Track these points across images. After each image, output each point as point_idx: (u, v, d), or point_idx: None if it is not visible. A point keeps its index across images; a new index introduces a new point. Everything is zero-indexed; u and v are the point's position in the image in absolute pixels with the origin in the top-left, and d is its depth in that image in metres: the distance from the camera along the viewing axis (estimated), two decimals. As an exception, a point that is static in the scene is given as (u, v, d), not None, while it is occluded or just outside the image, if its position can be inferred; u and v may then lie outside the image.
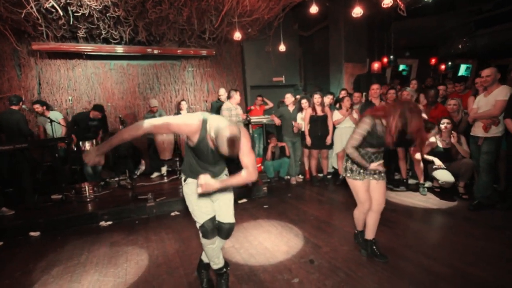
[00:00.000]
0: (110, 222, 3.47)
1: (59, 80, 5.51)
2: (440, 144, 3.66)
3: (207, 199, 1.85)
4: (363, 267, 2.19)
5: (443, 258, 2.26)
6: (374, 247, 2.31)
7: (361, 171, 2.19)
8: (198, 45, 6.13)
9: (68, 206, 3.81)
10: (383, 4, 3.87)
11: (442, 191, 3.82)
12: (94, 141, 4.42)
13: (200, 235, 1.84)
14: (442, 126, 3.59)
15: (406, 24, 6.37)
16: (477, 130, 3.24)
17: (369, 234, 2.31)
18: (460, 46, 6.97)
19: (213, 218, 1.83)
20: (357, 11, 4.07)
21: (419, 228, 2.95)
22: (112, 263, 2.49)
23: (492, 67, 3.14)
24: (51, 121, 4.15)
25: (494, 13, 6.62)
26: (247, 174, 1.68)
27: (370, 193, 2.22)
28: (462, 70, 8.13)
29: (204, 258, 2.03)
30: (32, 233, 3.20)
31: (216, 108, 5.28)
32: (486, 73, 3.08)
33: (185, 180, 1.87)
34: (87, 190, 4.08)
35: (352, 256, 2.37)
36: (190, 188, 1.82)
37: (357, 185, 2.21)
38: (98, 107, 4.68)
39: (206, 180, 1.54)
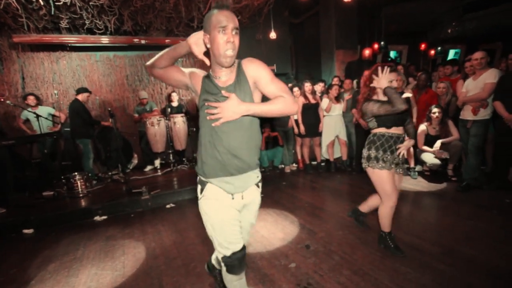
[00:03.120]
0: (104, 217, 3.45)
1: (44, 74, 5.32)
2: (430, 132, 3.73)
3: (234, 216, 1.33)
4: (357, 250, 2.25)
5: (434, 238, 2.34)
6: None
7: (386, 158, 2.01)
8: (186, 34, 5.91)
9: (60, 202, 3.77)
10: (374, -11, 3.83)
11: (432, 174, 3.92)
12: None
13: (223, 268, 1.36)
14: (434, 116, 3.63)
15: (396, 10, 6.34)
16: (466, 114, 3.30)
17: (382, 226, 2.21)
18: (449, 31, 7.01)
19: (244, 247, 1.35)
20: (348, -4, 4.02)
21: (411, 210, 3.04)
22: (109, 257, 2.49)
23: (482, 51, 3.17)
24: (37, 116, 4.03)
25: (482, -3, 6.65)
26: (284, 101, 1.17)
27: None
28: (451, 55, 8.20)
29: (215, 262, 1.67)
30: (25, 231, 3.16)
31: None
32: (480, 56, 3.10)
33: (201, 191, 1.33)
34: (79, 185, 4.03)
35: (346, 240, 2.43)
36: (210, 203, 1.31)
37: (383, 175, 2.00)
38: (84, 88, 4.58)
39: (224, 104, 1.13)
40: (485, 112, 3.15)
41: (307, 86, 4.48)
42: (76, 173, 4.10)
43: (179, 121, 5.18)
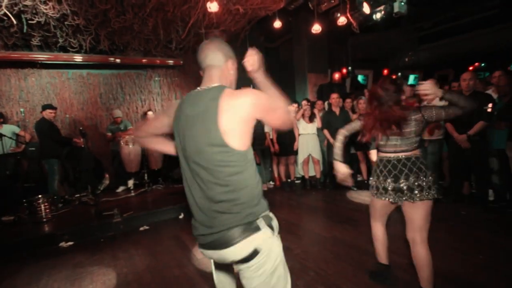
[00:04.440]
0: (71, 243, 3.24)
1: (9, 91, 5.04)
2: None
3: None
4: (331, 265, 2.33)
5: (400, 249, 2.49)
6: None
7: (380, 186, 1.82)
8: (164, 55, 6.06)
9: (22, 227, 3.49)
10: (339, 22, 4.25)
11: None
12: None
13: None
14: None
15: (360, 39, 6.98)
16: (423, 134, 3.66)
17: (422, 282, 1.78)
18: (406, 60, 7.81)
19: None
20: (316, 28, 4.41)
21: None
22: (75, 286, 2.34)
23: (432, 79, 3.58)
24: (0, 135, 3.80)
25: (434, 31, 7.57)
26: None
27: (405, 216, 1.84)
28: (411, 79, 9.06)
29: None
30: (-21, 260, 2.88)
31: None
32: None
33: (272, 227, 1.05)
34: (43, 209, 3.76)
35: (321, 256, 2.51)
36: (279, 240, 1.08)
37: (373, 202, 1.93)
38: (47, 105, 4.41)
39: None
40: (439, 133, 3.52)
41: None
42: (39, 196, 3.83)
43: (155, 140, 5.11)
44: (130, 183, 5.19)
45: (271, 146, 4.80)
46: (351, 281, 2.09)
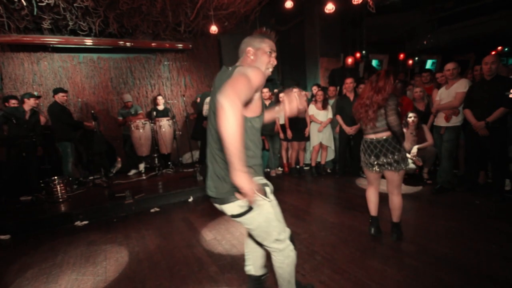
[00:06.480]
0: (85, 222, 3.37)
1: (23, 75, 5.15)
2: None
3: None
4: (338, 250, 2.34)
5: (409, 237, 2.47)
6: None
7: (367, 161, 2.39)
8: (173, 38, 5.99)
9: (39, 207, 3.65)
10: (354, 1, 4.04)
11: (409, 177, 4.11)
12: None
13: (291, 252, 1.49)
14: (410, 120, 3.84)
15: (376, 21, 6.65)
16: (440, 120, 3.51)
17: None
18: (424, 42, 7.43)
19: None
20: (329, 7, 4.22)
21: (389, 211, 3.17)
22: (90, 262, 2.44)
23: (454, 62, 3.40)
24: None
25: (455, 11, 7.12)
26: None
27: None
28: (429, 64, 8.66)
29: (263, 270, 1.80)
30: (1, 236, 3.03)
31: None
32: (452, 66, 3.33)
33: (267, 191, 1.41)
34: (59, 190, 3.90)
35: (328, 241, 2.51)
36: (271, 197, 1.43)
37: (365, 172, 2.55)
38: (59, 89, 4.47)
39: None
40: (456, 119, 3.37)
41: (295, 92, 4.60)
42: (55, 177, 3.97)
43: (165, 124, 5.16)
44: (141, 166, 5.30)
45: (281, 132, 4.75)
46: (357, 265, 2.09)
